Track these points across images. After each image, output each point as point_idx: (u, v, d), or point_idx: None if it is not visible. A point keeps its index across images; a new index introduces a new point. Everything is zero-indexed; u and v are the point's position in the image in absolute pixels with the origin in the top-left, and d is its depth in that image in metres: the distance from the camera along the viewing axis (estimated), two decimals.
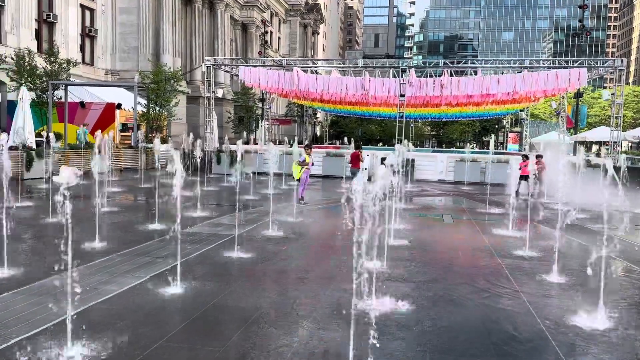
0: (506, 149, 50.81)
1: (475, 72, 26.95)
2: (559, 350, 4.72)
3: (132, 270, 6.91)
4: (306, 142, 14.90)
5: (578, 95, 37.19)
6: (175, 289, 6.12)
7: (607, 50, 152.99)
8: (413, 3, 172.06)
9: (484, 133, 78.75)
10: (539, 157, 17.76)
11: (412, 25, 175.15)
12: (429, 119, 56.52)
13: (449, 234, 11.17)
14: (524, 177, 15.96)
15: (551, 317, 5.57)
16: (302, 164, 13.71)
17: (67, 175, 4.16)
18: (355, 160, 16.47)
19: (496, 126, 70.78)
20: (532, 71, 25.12)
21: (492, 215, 13.36)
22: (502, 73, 26.28)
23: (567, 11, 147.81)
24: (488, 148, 76.21)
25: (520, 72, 25.74)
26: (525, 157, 17.35)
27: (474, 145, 79.78)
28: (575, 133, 41.48)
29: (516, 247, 9.10)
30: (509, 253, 8.73)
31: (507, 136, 54.93)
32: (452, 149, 59.39)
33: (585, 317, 5.49)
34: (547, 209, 13.96)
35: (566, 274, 7.30)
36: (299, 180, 13.92)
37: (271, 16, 72.21)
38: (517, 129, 53.78)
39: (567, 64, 24.59)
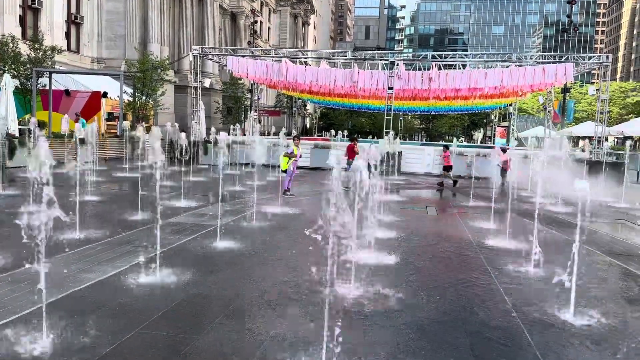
0: (494, 143, 51.07)
1: (464, 66, 27.06)
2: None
3: (112, 259, 6.89)
4: (294, 134, 14.93)
5: (565, 90, 37.44)
6: (155, 277, 6.11)
7: (595, 46, 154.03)
8: None
9: (473, 127, 79.11)
10: (503, 150, 18.33)
11: (403, 17, 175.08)
12: (418, 112, 56.60)
13: (432, 225, 11.25)
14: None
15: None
16: (290, 155, 13.68)
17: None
18: (351, 152, 16.65)
19: (484, 120, 71.16)
20: (519, 66, 25.23)
21: (475, 209, 13.47)
22: (491, 67, 26.36)
23: (557, 6, 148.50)
24: (475, 142, 76.78)
25: (508, 66, 25.86)
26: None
27: (462, 139, 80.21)
28: (562, 128, 41.81)
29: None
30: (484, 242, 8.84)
31: (495, 130, 55.19)
32: (440, 143, 59.63)
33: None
34: (523, 201, 14.11)
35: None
36: (285, 171, 13.90)
37: (261, 6, 71.72)
38: (505, 123, 54.09)
39: (554, 59, 24.73)
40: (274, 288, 6.06)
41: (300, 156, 14.41)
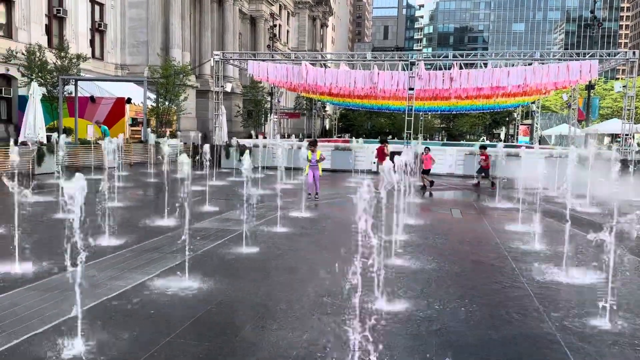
0: (517, 141, 50.40)
1: (485, 65, 26.78)
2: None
3: (141, 265, 6.98)
4: (309, 140, 15.11)
5: (589, 87, 36.81)
6: (182, 285, 6.17)
7: (619, 41, 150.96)
8: None
9: (495, 125, 78.25)
10: (482, 148, 18.07)
11: (422, 17, 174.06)
12: (439, 112, 56.17)
13: (457, 228, 11.15)
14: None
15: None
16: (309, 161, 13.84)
17: None
18: (381, 154, 16.71)
19: (507, 118, 70.28)
20: (542, 63, 24.88)
21: (500, 210, 13.31)
22: (513, 65, 26.04)
23: (579, 1, 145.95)
24: (499, 140, 75.88)
25: (530, 64, 25.51)
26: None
27: (484, 137, 79.34)
28: (587, 125, 41.08)
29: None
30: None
31: (517, 129, 54.46)
32: (461, 142, 59.06)
33: None
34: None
35: None
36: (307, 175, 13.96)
37: (280, 9, 72.06)
38: (528, 121, 53.35)
39: (578, 56, 24.31)
40: (302, 295, 6.07)
41: (324, 158, 14.37)
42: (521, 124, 53.55)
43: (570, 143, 33.04)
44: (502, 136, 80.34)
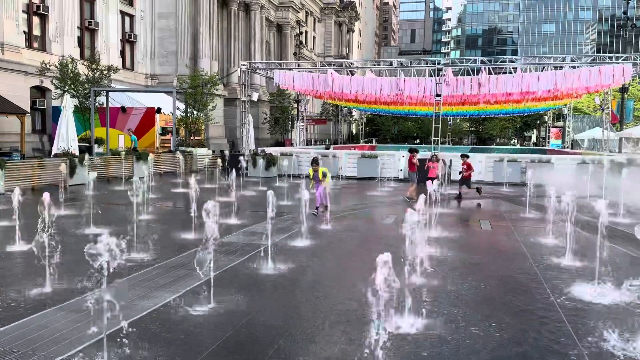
0: (549, 145, 49.39)
1: (515, 69, 26.30)
2: None
3: (167, 284, 7.04)
4: (313, 157, 14.49)
5: (623, 90, 35.83)
6: (209, 304, 6.19)
7: None
8: None
9: (525, 128, 76.83)
10: (464, 156, 17.50)
11: (449, 19, 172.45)
12: (467, 116, 55.50)
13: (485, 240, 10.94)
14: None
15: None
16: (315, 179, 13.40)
17: None
18: (411, 164, 16.97)
19: (538, 121, 68.92)
20: (574, 67, 24.32)
21: (532, 221, 13.02)
22: (543, 69, 25.51)
23: (611, 1, 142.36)
24: (529, 144, 74.52)
25: (561, 68, 24.98)
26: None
27: (515, 141, 77.97)
28: (621, 129, 39.98)
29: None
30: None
31: (549, 132, 53.36)
32: (491, 147, 58.13)
33: None
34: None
35: None
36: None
37: (306, 15, 72.40)
38: (560, 124, 52.22)
39: (611, 60, 23.67)
40: (328, 315, 6.02)
41: (325, 175, 13.14)
42: (552, 127, 52.47)
43: (604, 147, 32.19)
44: (534, 139, 78.94)
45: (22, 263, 8.27)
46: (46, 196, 7.57)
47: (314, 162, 13.61)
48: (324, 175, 13.08)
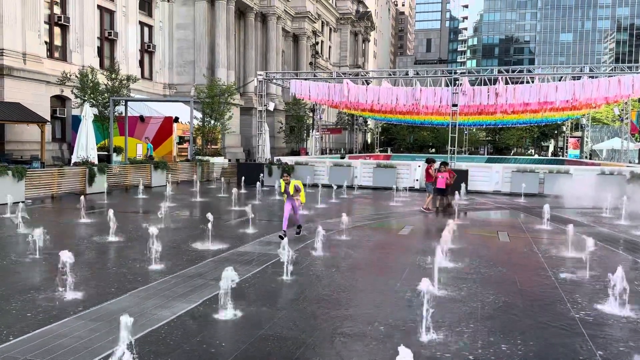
0: (566, 155, 48.82)
1: (532, 79, 26.12)
2: None
3: (185, 293, 7.08)
4: (283, 165, 11.88)
5: None
6: (226, 314, 6.20)
7: None
8: (466, 7, 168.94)
9: (543, 138, 76.10)
10: (428, 161, 17.15)
11: (465, 29, 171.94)
12: (484, 126, 55.18)
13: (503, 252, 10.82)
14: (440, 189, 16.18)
15: None
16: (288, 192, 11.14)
17: None
18: (428, 174, 17.04)
19: (555, 131, 68.22)
20: (592, 77, 24.08)
21: (551, 233, 12.86)
22: (561, 79, 25.30)
23: (629, 10, 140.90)
24: (547, 154, 73.73)
25: (579, 78, 24.74)
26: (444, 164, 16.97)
27: (532, 151, 77.22)
28: None
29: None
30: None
31: (567, 142, 52.80)
32: (508, 157, 57.63)
33: None
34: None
35: None
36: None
37: (322, 25, 72.80)
38: (578, 134, 51.62)
39: (630, 70, 23.40)
40: (344, 327, 5.99)
41: (299, 190, 11.07)
42: (570, 137, 51.91)
43: (623, 158, 31.73)
44: (551, 149, 78.08)
45: (42, 270, 8.38)
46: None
47: (284, 171, 11.60)
48: (297, 189, 10.98)
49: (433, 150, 67.48)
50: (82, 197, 13.93)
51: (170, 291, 7.19)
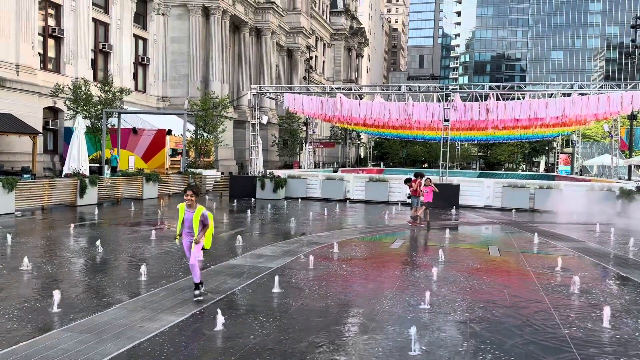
0: (557, 171, 49.22)
1: (523, 96, 26.40)
2: None
3: (174, 306, 7.04)
4: (187, 186, 9.51)
5: (632, 116, 35.79)
6: (214, 327, 6.18)
7: None
8: (458, 24, 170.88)
9: (534, 154, 76.70)
10: (417, 176, 16.76)
11: (458, 45, 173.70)
12: (475, 141, 55.58)
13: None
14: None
15: None
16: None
17: None
18: (413, 188, 17.01)
19: (546, 147, 68.81)
20: (582, 94, 24.37)
21: (543, 246, 12.92)
22: (551, 96, 25.58)
23: (619, 29, 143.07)
24: (538, 170, 74.26)
25: (569, 95, 25.03)
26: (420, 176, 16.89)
27: (524, 166, 77.74)
28: (630, 156, 39.82)
29: None
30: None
31: (558, 158, 53.26)
32: (499, 172, 57.98)
33: None
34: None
35: None
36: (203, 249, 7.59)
37: (316, 41, 73.35)
38: (569, 150, 52.11)
39: (620, 87, 23.72)
40: (333, 340, 5.98)
41: (206, 220, 7.24)
42: (561, 153, 52.38)
43: (613, 174, 32.03)
44: (542, 165, 78.66)
45: (32, 281, 8.31)
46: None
47: (191, 188, 7.23)
48: (204, 224, 7.23)
49: (425, 165, 67.72)
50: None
51: (159, 304, 7.14)
